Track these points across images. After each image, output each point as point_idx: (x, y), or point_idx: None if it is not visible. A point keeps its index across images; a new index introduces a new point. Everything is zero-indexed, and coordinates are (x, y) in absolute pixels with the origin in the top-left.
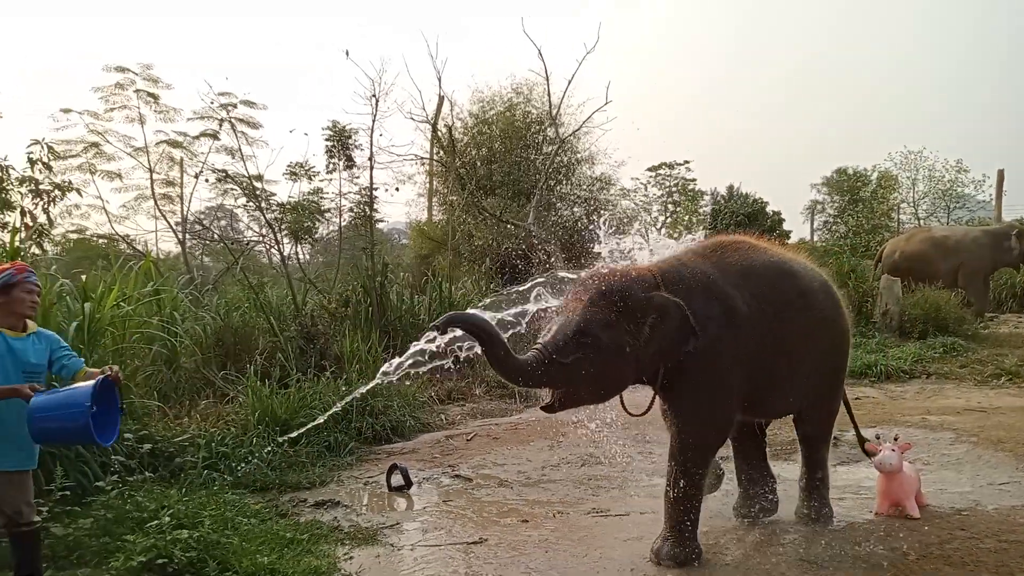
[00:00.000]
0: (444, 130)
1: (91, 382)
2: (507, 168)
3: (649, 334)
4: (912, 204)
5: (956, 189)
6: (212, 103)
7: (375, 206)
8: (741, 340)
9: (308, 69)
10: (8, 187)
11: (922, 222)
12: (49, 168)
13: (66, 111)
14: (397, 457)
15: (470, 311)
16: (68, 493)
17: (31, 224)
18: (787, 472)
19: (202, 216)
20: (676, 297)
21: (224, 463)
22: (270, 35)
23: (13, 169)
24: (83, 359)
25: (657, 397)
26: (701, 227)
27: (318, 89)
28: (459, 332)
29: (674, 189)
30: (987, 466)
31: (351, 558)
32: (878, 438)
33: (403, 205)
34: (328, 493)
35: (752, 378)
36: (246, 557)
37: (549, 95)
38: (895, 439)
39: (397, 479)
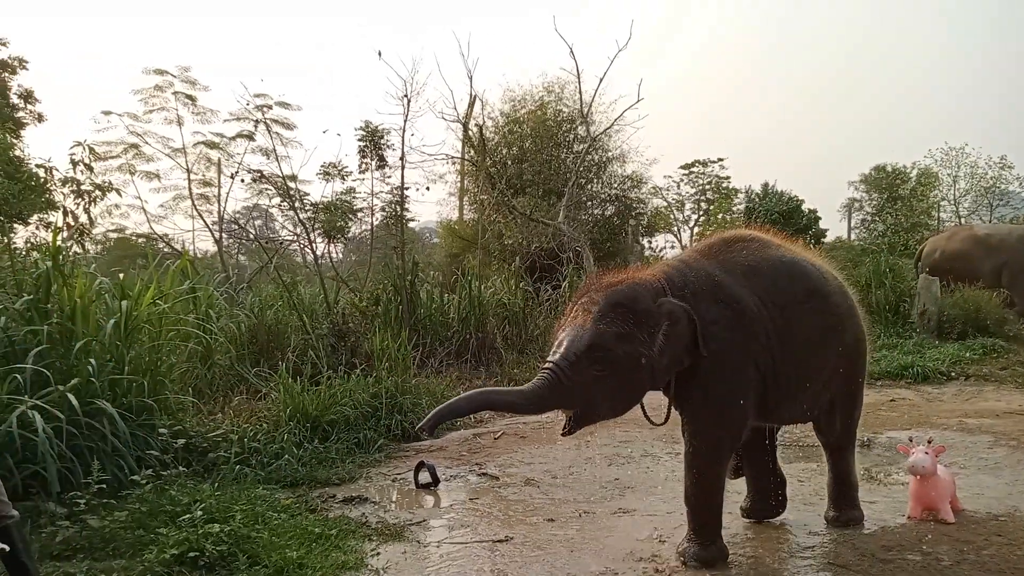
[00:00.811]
0: (475, 129)
1: None
2: (537, 167)
3: (663, 342)
4: (953, 202)
5: (1000, 186)
6: (248, 105)
7: (406, 205)
8: (750, 342)
9: (341, 69)
10: (51, 188)
11: (963, 220)
12: (90, 169)
13: (107, 113)
14: (425, 455)
15: (455, 399)
16: (104, 487)
17: (73, 224)
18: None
19: (238, 216)
20: (683, 302)
21: (256, 459)
22: (308, 35)
23: (57, 171)
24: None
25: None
26: (736, 225)
27: (352, 89)
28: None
29: (707, 187)
30: None
31: (378, 554)
32: (911, 440)
33: (434, 204)
34: (357, 489)
35: (763, 381)
36: (275, 551)
37: (580, 93)
38: (928, 442)
39: (425, 476)
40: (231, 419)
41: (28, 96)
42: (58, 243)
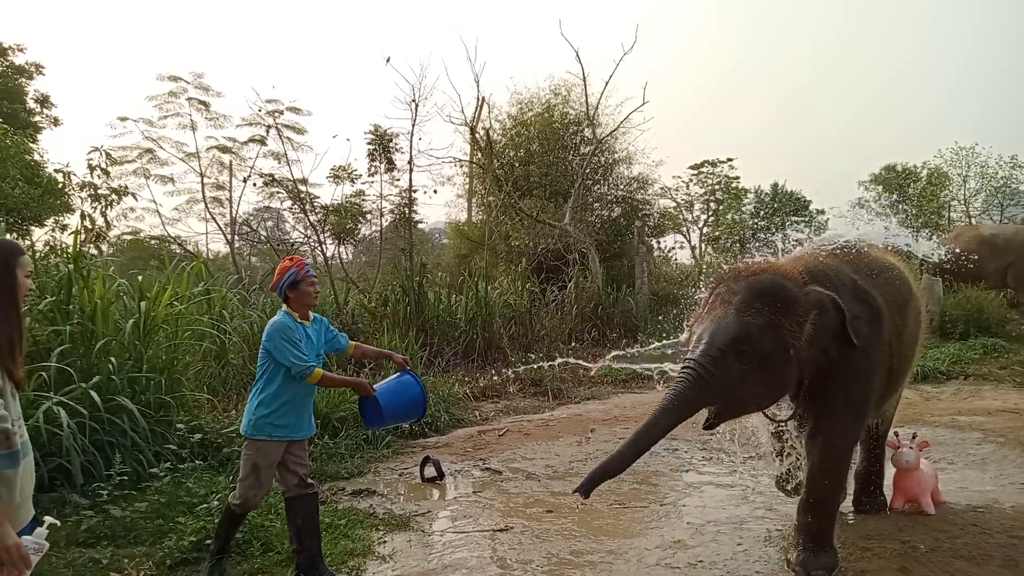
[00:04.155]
0: (482, 132)
1: (407, 374)
2: (544, 169)
3: (812, 333)
4: (963, 201)
5: (1010, 186)
6: (260, 110)
7: (414, 208)
8: (883, 339)
9: (351, 74)
10: (70, 192)
11: (973, 220)
12: (107, 173)
13: (122, 119)
14: (431, 450)
15: (603, 462)
16: (125, 479)
17: (90, 227)
18: None
19: (250, 217)
20: (834, 295)
21: None
22: (318, 42)
23: (74, 175)
24: (345, 336)
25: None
26: (744, 225)
27: (362, 94)
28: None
29: (717, 187)
30: (1012, 466)
31: (385, 542)
32: (896, 436)
33: (443, 206)
34: (365, 483)
35: (882, 380)
36: (287, 539)
37: (587, 96)
38: (913, 437)
39: (430, 471)
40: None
41: (44, 101)
42: (77, 247)
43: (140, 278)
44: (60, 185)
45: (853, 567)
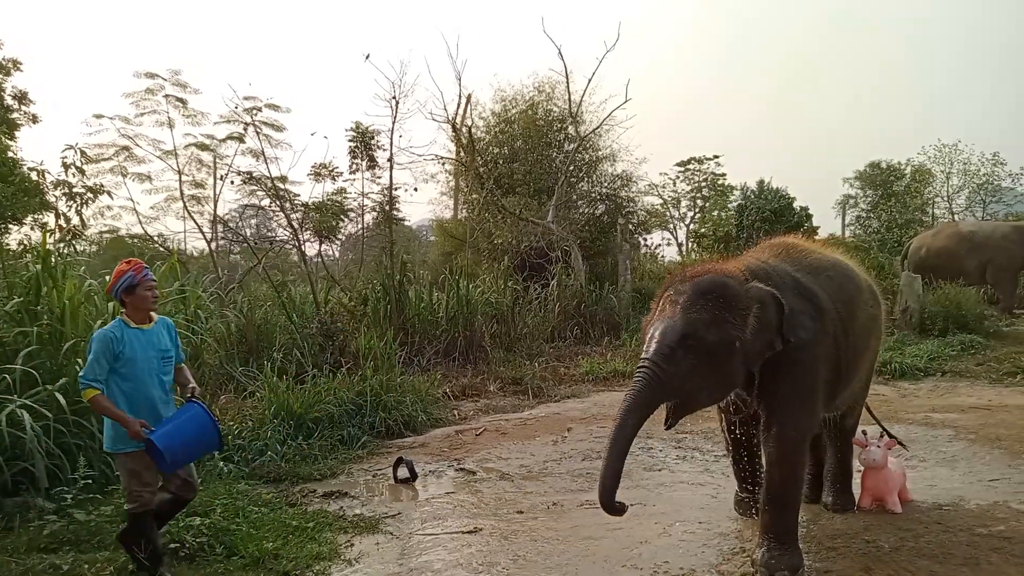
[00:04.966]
0: (464, 129)
1: (197, 407)
2: (528, 166)
3: (755, 326)
4: (946, 198)
5: (992, 182)
6: (237, 107)
7: (397, 205)
8: (826, 335)
9: (331, 71)
10: (45, 190)
11: (956, 216)
12: (82, 172)
13: (98, 116)
14: (407, 451)
15: (600, 478)
16: (91, 482)
17: (65, 226)
18: None
19: (236, 215)
20: (773, 290)
21: (240, 455)
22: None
23: (48, 173)
24: (184, 354)
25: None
26: (730, 223)
27: (342, 91)
28: None
29: (703, 184)
30: (981, 463)
31: (352, 545)
32: (864, 434)
33: (428, 204)
34: (337, 485)
35: (833, 369)
36: (252, 543)
37: (569, 93)
38: (880, 436)
39: (403, 472)
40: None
41: (22, 97)
42: (48, 246)
43: (108, 277)
44: (35, 184)
45: (818, 567)
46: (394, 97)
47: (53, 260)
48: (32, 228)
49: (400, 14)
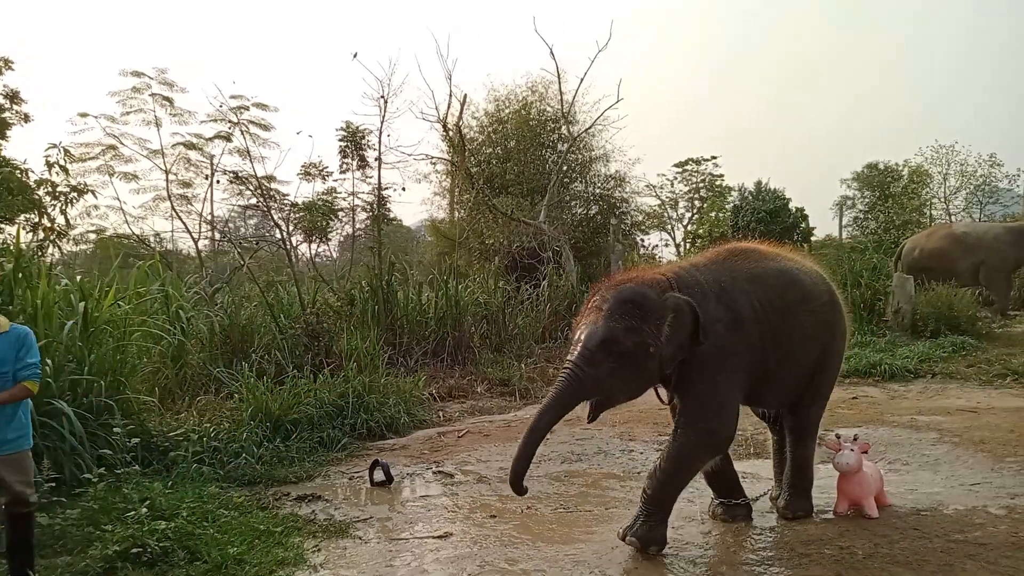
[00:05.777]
0: (454, 129)
1: None
2: (521, 167)
3: (669, 333)
4: (943, 200)
5: (989, 183)
6: (223, 107)
7: (387, 205)
8: (745, 341)
9: (319, 69)
10: (31, 189)
11: (953, 217)
12: (66, 171)
13: (83, 115)
14: (388, 453)
15: (512, 464)
16: (55, 485)
17: (48, 225)
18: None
19: (236, 215)
20: (690, 299)
21: (215, 457)
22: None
23: (32, 172)
24: (38, 374)
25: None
26: (726, 223)
27: (331, 90)
28: None
29: (701, 185)
30: (963, 467)
31: (318, 550)
32: (838, 437)
33: (421, 204)
34: (312, 488)
35: (753, 374)
36: (216, 548)
37: (561, 93)
38: (854, 439)
39: (379, 475)
40: (195, 418)
41: (14, 96)
42: (22, 246)
43: (79, 278)
44: (22, 183)
45: (789, 574)
46: (382, 96)
47: (32, 260)
48: (24, 228)
49: (391, 13)
